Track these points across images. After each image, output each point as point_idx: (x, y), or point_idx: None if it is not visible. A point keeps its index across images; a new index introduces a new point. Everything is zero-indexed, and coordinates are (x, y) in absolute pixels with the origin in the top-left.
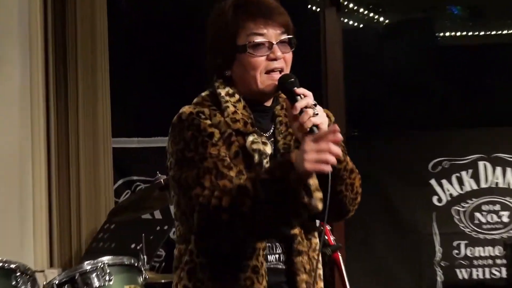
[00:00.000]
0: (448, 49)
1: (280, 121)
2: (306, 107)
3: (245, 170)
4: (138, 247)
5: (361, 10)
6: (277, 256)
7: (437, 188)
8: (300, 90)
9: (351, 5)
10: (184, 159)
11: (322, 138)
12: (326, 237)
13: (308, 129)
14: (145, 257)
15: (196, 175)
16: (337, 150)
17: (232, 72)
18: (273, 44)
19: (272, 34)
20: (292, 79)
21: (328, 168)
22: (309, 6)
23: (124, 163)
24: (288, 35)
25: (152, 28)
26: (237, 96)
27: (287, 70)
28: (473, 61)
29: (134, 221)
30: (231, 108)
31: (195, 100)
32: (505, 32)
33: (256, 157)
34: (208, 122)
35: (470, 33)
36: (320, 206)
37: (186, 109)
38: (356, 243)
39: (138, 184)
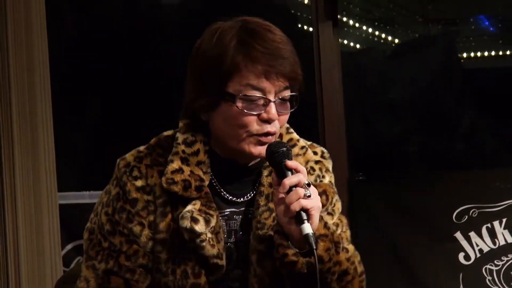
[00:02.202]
0: (474, 73)
1: (261, 192)
2: (296, 185)
3: (170, 251)
4: None
5: (364, 27)
6: None
7: (464, 243)
8: (292, 164)
9: (351, 22)
10: (98, 216)
11: None
12: None
13: (295, 214)
14: None
15: (96, 252)
16: None
17: (210, 118)
18: (270, 101)
19: (272, 88)
20: (284, 149)
21: None
22: (299, 25)
23: (73, 224)
24: (292, 91)
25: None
26: (196, 146)
27: (278, 134)
28: (506, 87)
29: None
30: (173, 165)
31: (151, 141)
32: None
33: (186, 236)
34: (139, 183)
35: (501, 53)
36: None
37: (128, 157)
38: None
39: None
